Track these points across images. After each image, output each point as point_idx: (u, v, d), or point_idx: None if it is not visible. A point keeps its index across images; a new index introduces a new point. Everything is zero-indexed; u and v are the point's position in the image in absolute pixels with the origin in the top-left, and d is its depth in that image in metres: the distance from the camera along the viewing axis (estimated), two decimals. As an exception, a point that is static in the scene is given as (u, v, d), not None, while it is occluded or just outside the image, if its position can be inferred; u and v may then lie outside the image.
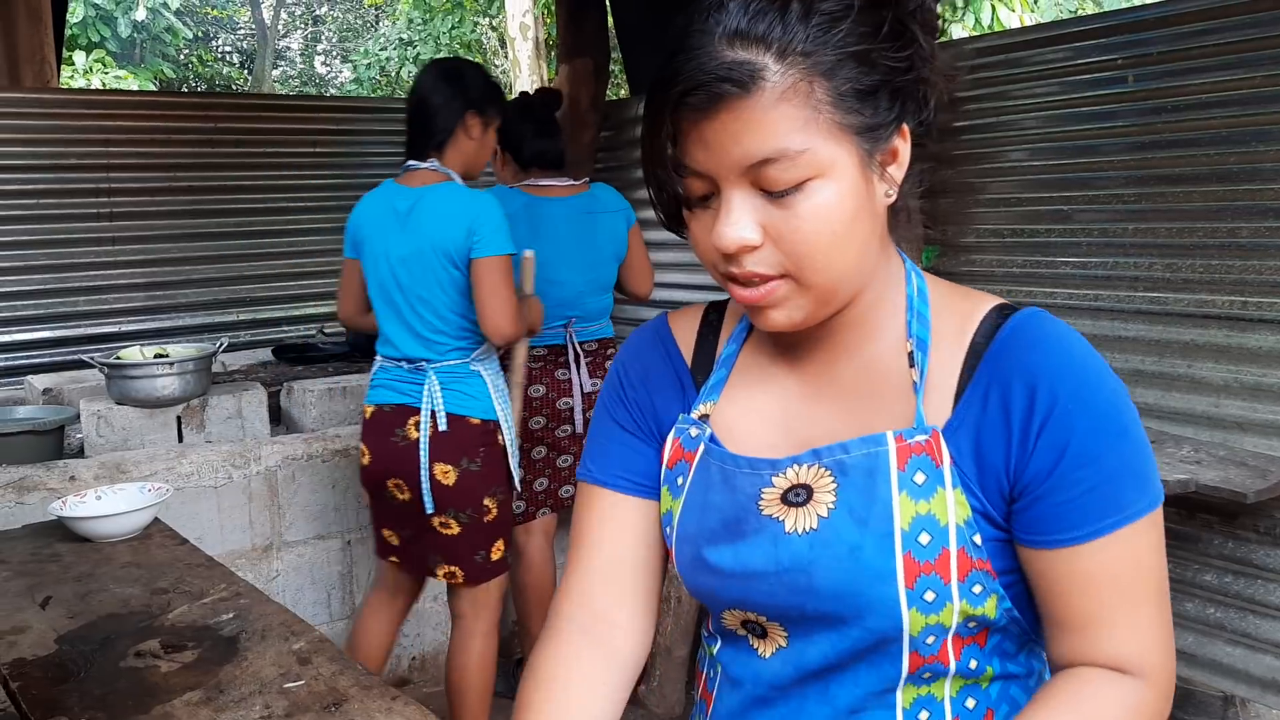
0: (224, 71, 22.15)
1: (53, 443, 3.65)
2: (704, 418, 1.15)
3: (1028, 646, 1.13)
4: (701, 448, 1.14)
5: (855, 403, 1.09)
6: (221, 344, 3.96)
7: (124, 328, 5.09)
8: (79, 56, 15.61)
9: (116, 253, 5.10)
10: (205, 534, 3.58)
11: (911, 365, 1.06)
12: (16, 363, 4.88)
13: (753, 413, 1.15)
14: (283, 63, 22.56)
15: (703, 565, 1.13)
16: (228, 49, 23.16)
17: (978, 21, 12.05)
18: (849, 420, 1.09)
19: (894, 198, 1.03)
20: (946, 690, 1.09)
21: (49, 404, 4.11)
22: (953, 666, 1.08)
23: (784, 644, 1.12)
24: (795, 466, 1.08)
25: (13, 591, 2.24)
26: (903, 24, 0.98)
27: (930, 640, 1.05)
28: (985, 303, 1.09)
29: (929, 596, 1.03)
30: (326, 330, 5.28)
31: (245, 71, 22.03)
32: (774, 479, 1.09)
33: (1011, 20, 12.17)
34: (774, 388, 1.14)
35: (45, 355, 4.94)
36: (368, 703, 1.70)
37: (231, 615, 2.06)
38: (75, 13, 15.34)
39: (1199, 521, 3.60)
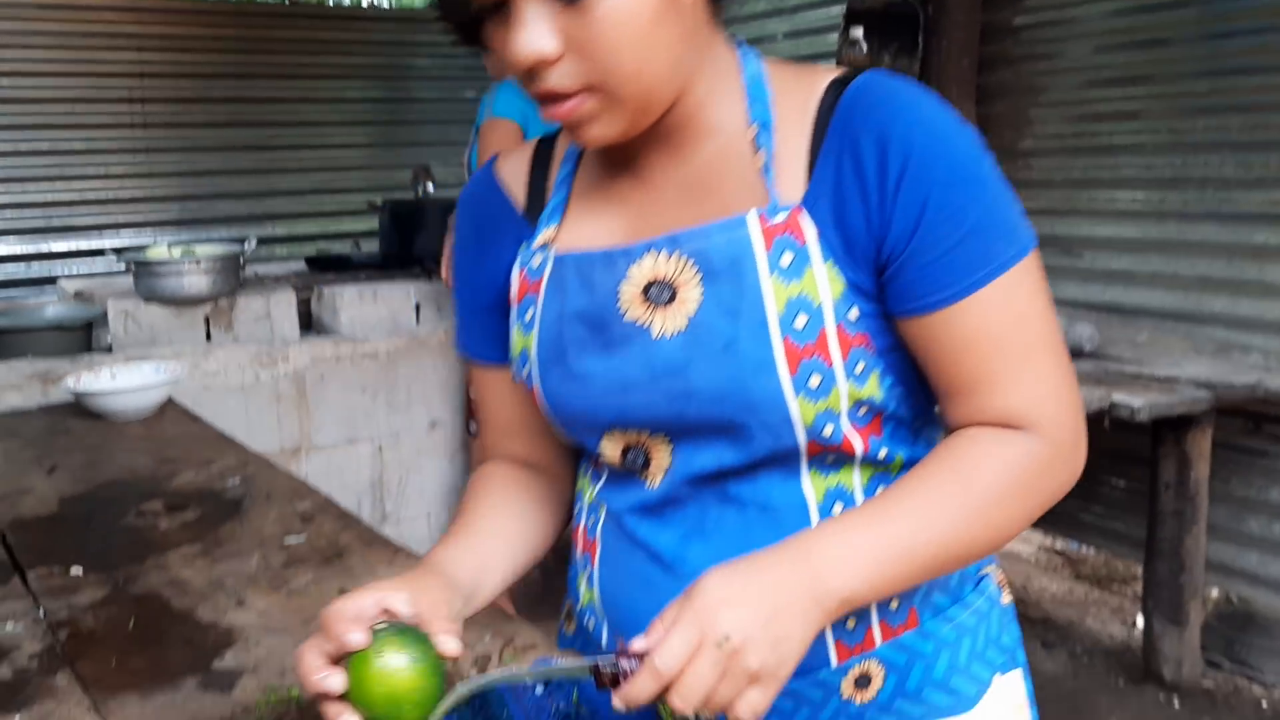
0: None
1: (80, 340, 3.60)
2: (547, 244, 1.09)
3: (926, 432, 1.07)
4: (549, 267, 1.06)
5: (705, 196, 1.01)
6: (250, 242, 3.88)
7: (156, 239, 5.03)
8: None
9: (150, 162, 5.04)
10: (233, 434, 3.52)
11: (758, 149, 0.98)
12: (50, 273, 4.85)
13: (599, 225, 1.06)
14: None
15: (571, 381, 1.04)
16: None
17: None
18: (701, 213, 1.00)
19: None
20: (857, 479, 1.02)
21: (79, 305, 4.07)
22: (858, 455, 1.01)
23: (669, 462, 1.04)
24: (653, 254, 1.00)
25: (21, 460, 2.17)
26: None
27: (828, 431, 0.97)
28: (825, 75, 1.00)
29: (814, 382, 0.95)
30: (361, 244, 5.18)
31: None
32: (630, 269, 1.01)
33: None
34: (616, 200, 1.06)
35: (78, 264, 4.90)
36: (369, 556, 1.60)
37: (237, 480, 1.98)
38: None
39: (1265, 435, 3.41)
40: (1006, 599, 1.14)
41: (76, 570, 1.59)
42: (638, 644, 0.88)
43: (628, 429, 1.04)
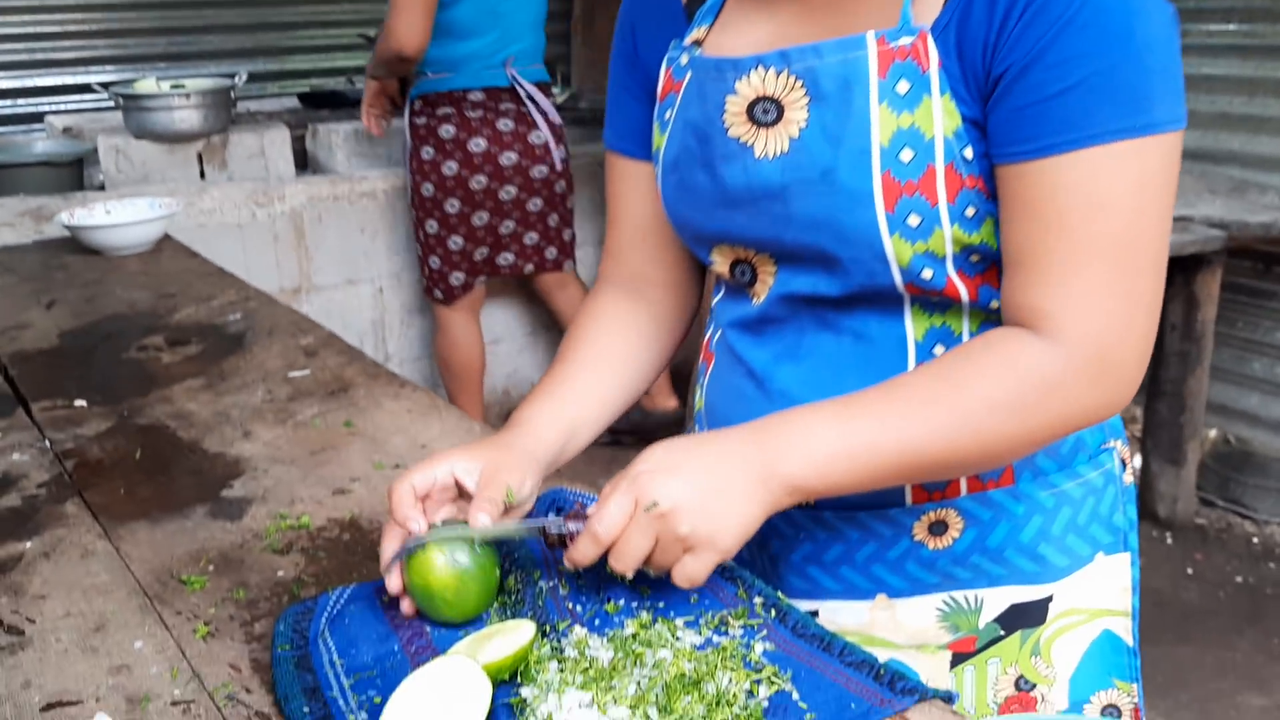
0: None
1: (71, 177, 3.52)
2: (696, 43, 1.04)
3: None
4: (690, 70, 1.01)
5: (836, 11, 0.94)
6: (240, 76, 3.75)
7: (144, 74, 4.88)
8: None
9: (135, -9, 4.84)
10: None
11: None
12: (38, 108, 4.72)
13: (742, 33, 1.00)
14: None
15: (683, 191, 1.02)
16: None
17: None
18: (824, 29, 0.94)
19: None
20: (965, 324, 0.96)
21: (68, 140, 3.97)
22: (964, 302, 0.95)
23: (773, 282, 1.01)
24: (760, 70, 0.95)
25: (18, 295, 2.14)
26: None
27: (927, 274, 0.92)
28: None
29: (912, 221, 0.89)
30: (355, 80, 5.02)
31: None
32: (738, 84, 0.96)
33: None
34: (766, 9, 1.00)
35: (65, 100, 4.76)
36: (374, 389, 1.58)
37: (239, 316, 1.95)
38: None
39: (1275, 277, 3.38)
40: (1129, 479, 1.06)
41: (80, 402, 1.58)
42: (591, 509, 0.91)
43: (734, 245, 1.01)
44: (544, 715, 0.83)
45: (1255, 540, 3.36)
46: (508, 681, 0.88)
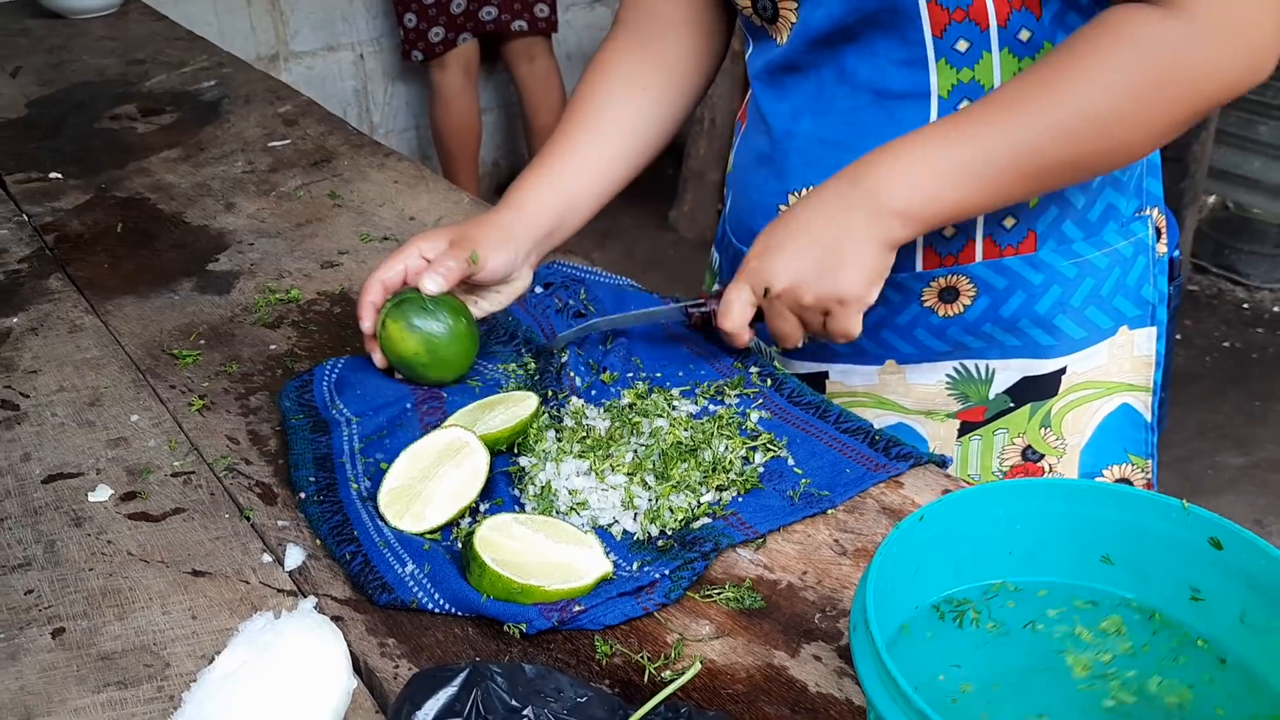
0: None
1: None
2: None
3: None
4: None
5: None
6: None
7: None
8: None
9: None
10: (205, 40, 3.33)
11: None
12: None
13: None
14: None
15: None
16: None
17: None
18: None
19: None
20: (996, 75, 0.89)
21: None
22: (994, 30, 0.87)
23: (795, 19, 0.94)
24: None
25: (-21, 63, 2.04)
26: None
27: None
28: None
29: None
30: None
31: None
32: None
33: None
34: None
35: None
36: (358, 159, 1.53)
37: (214, 83, 1.86)
38: None
39: (1293, 35, 3.24)
40: (1162, 249, 1.01)
41: (55, 175, 1.52)
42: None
43: None
44: (542, 483, 0.84)
45: (1245, 306, 3.38)
46: (505, 452, 0.89)
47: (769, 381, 0.97)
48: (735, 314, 0.91)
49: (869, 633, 0.55)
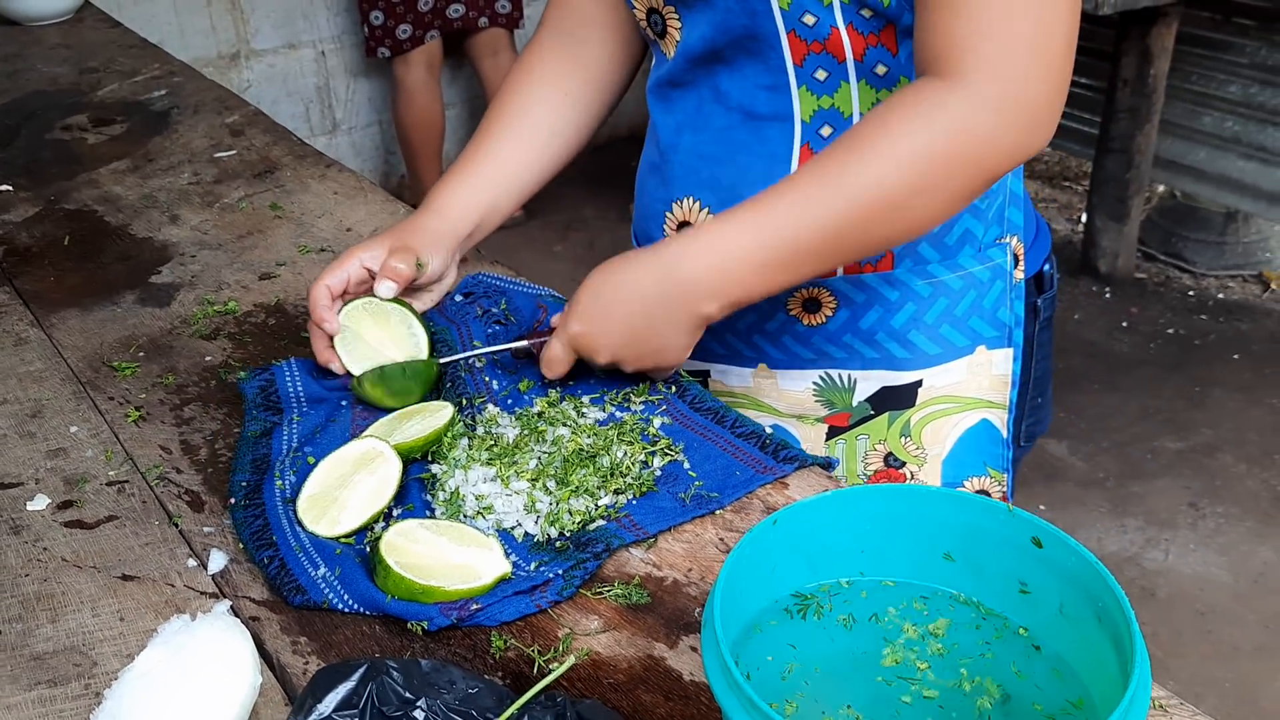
0: None
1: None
2: None
3: None
4: None
5: None
6: None
7: None
8: None
9: None
10: (164, 40, 3.35)
11: None
12: None
13: None
14: None
15: None
16: None
17: None
18: None
19: None
20: (854, 104, 0.95)
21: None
22: (850, 63, 0.93)
23: (680, 36, 1.01)
24: None
25: (-66, 72, 2.08)
26: None
27: (809, 19, 0.91)
28: None
29: None
30: None
31: None
32: None
33: None
34: None
35: None
36: (300, 170, 1.58)
37: (164, 92, 1.91)
38: None
39: (1233, 27, 3.32)
40: (1019, 275, 1.06)
41: (6, 187, 1.57)
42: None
43: None
44: (451, 489, 0.90)
45: (1191, 293, 3.46)
46: (420, 459, 0.95)
47: (673, 388, 1.03)
48: (559, 366, 0.99)
49: (714, 629, 0.61)
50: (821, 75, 0.95)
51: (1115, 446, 2.80)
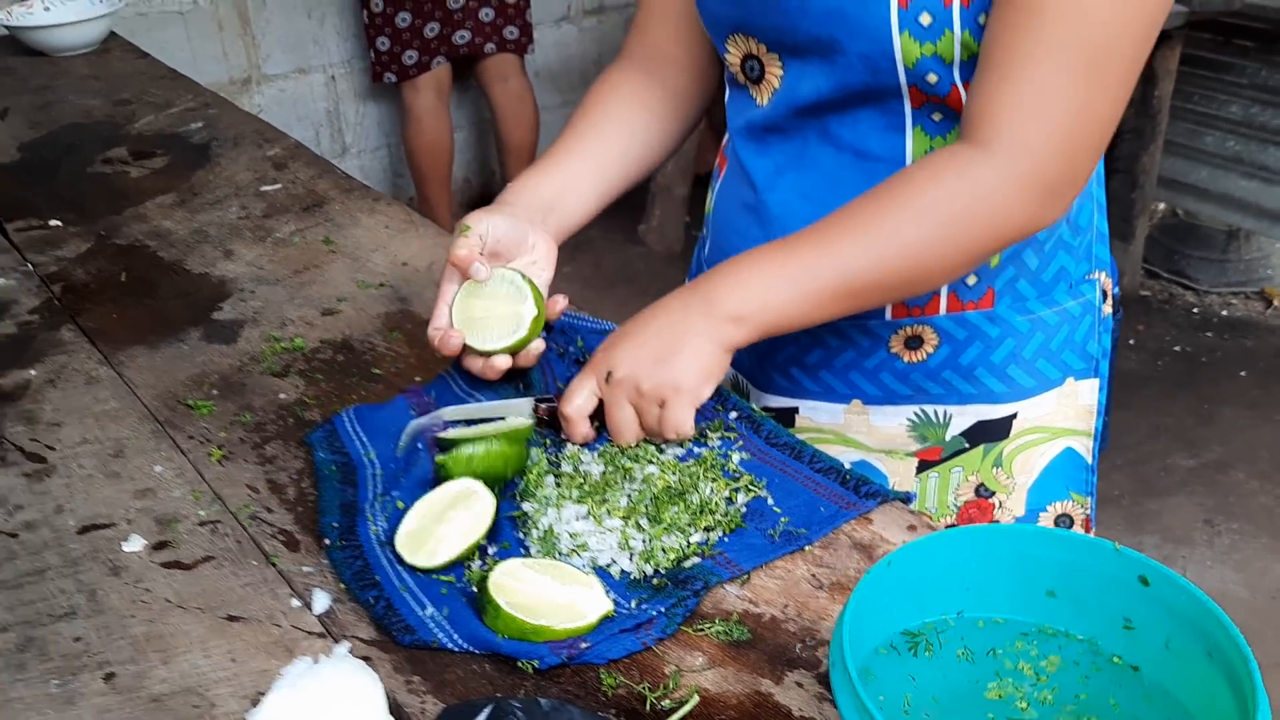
0: None
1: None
2: None
3: None
4: None
5: None
6: None
7: None
8: None
9: None
10: (177, 66, 3.36)
11: None
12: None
13: None
14: None
15: None
16: None
17: None
18: None
19: None
20: None
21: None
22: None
23: (779, 84, 1.04)
24: None
25: (-33, 104, 2.09)
26: None
27: (932, 79, 0.94)
28: None
29: (924, 20, 0.91)
30: None
31: None
32: None
33: None
34: None
35: None
36: (349, 204, 1.60)
37: (201, 124, 1.93)
38: None
39: (1234, 49, 3.38)
40: (1108, 309, 1.11)
41: (55, 222, 1.58)
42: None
43: (748, 34, 1.03)
44: (545, 527, 0.92)
45: (1195, 310, 3.51)
46: (509, 499, 0.97)
47: (747, 423, 1.05)
48: (577, 400, 0.99)
49: (845, 668, 0.64)
50: (937, 117, 0.98)
51: (1128, 464, 2.84)
